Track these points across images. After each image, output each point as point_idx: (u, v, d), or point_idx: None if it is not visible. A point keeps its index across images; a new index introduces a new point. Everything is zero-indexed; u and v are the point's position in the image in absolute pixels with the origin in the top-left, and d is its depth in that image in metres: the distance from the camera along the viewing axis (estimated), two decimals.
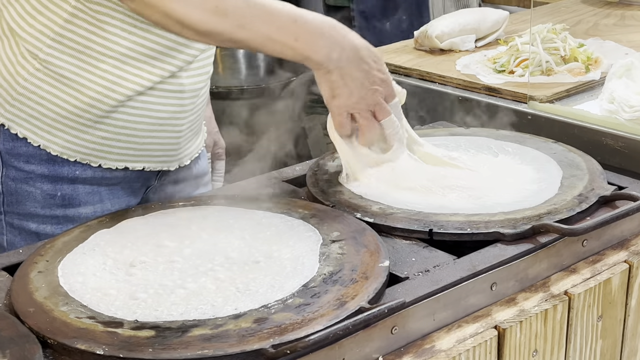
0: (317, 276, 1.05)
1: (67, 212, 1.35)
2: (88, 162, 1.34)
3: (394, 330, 1.00)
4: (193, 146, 1.49)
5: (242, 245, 1.14)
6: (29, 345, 0.93)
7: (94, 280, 1.06)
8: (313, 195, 1.31)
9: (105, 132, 1.33)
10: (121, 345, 0.92)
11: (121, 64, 1.29)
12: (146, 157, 1.39)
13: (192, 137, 1.47)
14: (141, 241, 1.15)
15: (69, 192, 1.35)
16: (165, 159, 1.42)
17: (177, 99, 1.36)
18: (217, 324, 0.95)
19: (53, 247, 1.15)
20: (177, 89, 1.35)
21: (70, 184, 1.35)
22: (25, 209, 1.35)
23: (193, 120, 1.44)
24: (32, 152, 1.33)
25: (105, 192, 1.38)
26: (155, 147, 1.39)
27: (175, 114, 1.38)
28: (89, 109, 1.30)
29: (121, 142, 1.35)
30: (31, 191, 1.34)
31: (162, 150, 1.41)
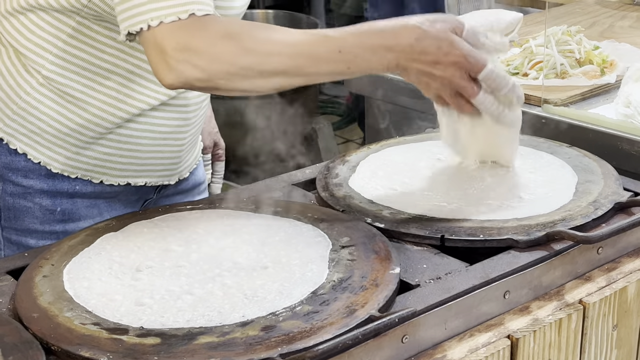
0: (327, 283, 1.03)
1: (67, 227, 1.33)
2: (89, 179, 1.32)
3: (404, 339, 0.98)
4: (192, 158, 1.47)
5: (250, 250, 1.12)
6: (32, 351, 0.91)
7: (100, 285, 1.04)
8: (323, 199, 1.29)
9: (108, 148, 1.30)
10: (126, 352, 0.90)
11: (127, 81, 1.27)
12: (148, 171, 1.37)
13: (192, 149, 1.45)
14: (148, 245, 1.14)
15: (68, 207, 1.32)
16: (166, 172, 1.40)
17: (182, 112, 1.34)
18: (224, 332, 0.93)
19: (59, 250, 1.13)
20: (182, 102, 1.33)
21: (70, 198, 1.32)
22: (24, 224, 1.33)
23: (195, 132, 1.42)
24: (31, 167, 1.30)
25: (103, 205, 1.36)
26: (157, 161, 1.36)
27: (178, 128, 1.35)
28: (92, 127, 1.28)
29: (124, 158, 1.32)
30: (30, 206, 1.32)
31: (164, 165, 1.38)
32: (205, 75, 1.06)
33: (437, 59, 1.11)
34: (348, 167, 1.39)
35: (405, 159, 1.42)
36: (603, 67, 1.78)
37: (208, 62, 1.06)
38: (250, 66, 1.06)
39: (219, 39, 1.06)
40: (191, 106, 1.35)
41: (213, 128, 1.70)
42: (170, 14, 1.05)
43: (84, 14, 1.21)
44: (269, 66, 1.07)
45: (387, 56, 1.10)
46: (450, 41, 1.11)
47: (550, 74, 1.75)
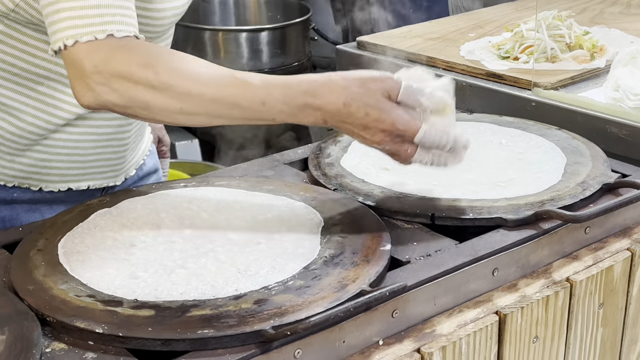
0: (318, 259, 1.05)
1: None
2: (28, 186, 1.29)
3: (394, 314, 0.99)
4: (138, 154, 1.43)
5: (243, 226, 1.13)
6: (27, 322, 0.92)
7: (94, 259, 1.05)
8: (315, 178, 1.30)
9: (44, 154, 1.26)
10: (121, 324, 0.91)
11: (61, 85, 1.21)
12: (90, 174, 1.33)
13: (137, 146, 1.41)
14: (141, 221, 1.15)
15: (7, 213, 1.30)
16: (110, 174, 1.36)
17: (121, 118, 1.29)
18: (217, 305, 0.95)
19: (53, 225, 1.14)
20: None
21: (7, 205, 1.29)
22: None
23: (138, 129, 1.38)
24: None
25: (45, 209, 1.32)
26: (99, 163, 1.32)
27: (120, 128, 1.31)
28: (25, 134, 1.23)
29: (62, 163, 1.28)
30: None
31: (107, 167, 1.34)
32: (123, 101, 1.00)
33: (365, 124, 1.04)
34: (340, 147, 1.41)
35: None
36: (593, 51, 1.79)
37: (126, 89, 1.00)
38: (168, 105, 1.00)
39: (138, 66, 0.99)
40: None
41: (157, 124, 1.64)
42: (86, 32, 1.00)
43: (12, 17, 1.15)
44: (188, 106, 1.01)
45: (314, 114, 1.03)
46: (379, 108, 1.03)
47: (541, 58, 1.76)
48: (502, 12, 2.22)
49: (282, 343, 0.90)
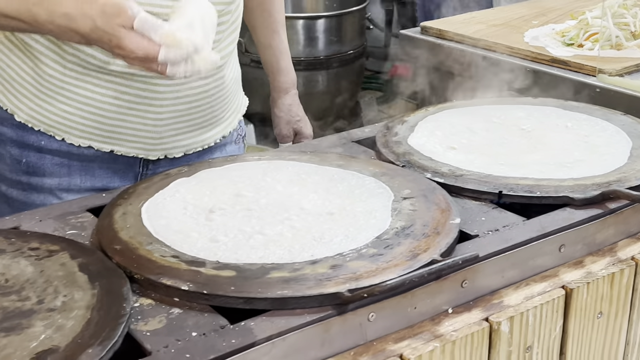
0: (390, 229, 1.08)
1: (31, 180, 1.36)
2: (53, 134, 1.34)
3: (464, 284, 1.02)
4: (193, 140, 1.42)
5: (316, 198, 1.17)
6: (116, 279, 0.98)
7: (176, 224, 1.10)
8: (383, 155, 1.34)
9: (67, 106, 1.32)
10: (205, 282, 0.96)
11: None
12: (115, 139, 1.35)
13: (190, 131, 1.40)
14: (219, 190, 1.20)
15: (34, 160, 1.35)
16: (140, 145, 1.37)
17: (148, 84, 1.32)
18: (295, 268, 0.99)
19: (135, 192, 1.20)
20: (147, 73, 1.26)
21: (37, 152, 1.35)
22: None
23: (181, 111, 1.37)
24: (3, 115, 1.34)
25: (76, 167, 1.36)
26: (126, 130, 1.35)
27: (148, 100, 1.33)
28: (48, 79, 1.30)
29: (85, 120, 1.33)
30: (2, 153, 1.36)
31: (136, 137, 1.36)
32: None
33: (111, 49, 1.11)
34: (407, 126, 1.44)
35: (462, 121, 1.46)
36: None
37: None
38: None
39: None
40: (161, 79, 1.31)
41: (294, 117, 1.72)
42: None
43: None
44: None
45: (76, 37, 1.12)
46: (117, 37, 1.08)
47: (606, 45, 1.78)
48: (564, 0, 2.23)
49: (357, 306, 0.94)
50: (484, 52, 1.85)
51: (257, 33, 1.73)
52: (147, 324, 0.92)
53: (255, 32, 1.73)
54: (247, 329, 0.90)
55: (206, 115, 1.42)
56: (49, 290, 0.95)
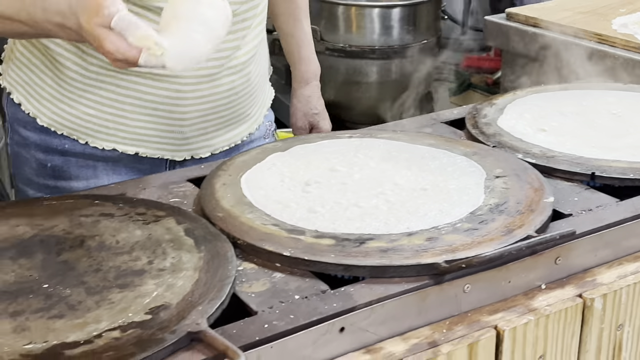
0: (484, 206, 1.10)
1: (58, 184, 1.36)
2: (76, 138, 1.34)
3: (557, 261, 1.04)
4: (219, 139, 1.41)
5: (409, 174, 1.20)
6: (221, 243, 1.02)
7: (274, 194, 1.14)
8: (473, 136, 1.35)
9: (90, 109, 1.31)
10: (305, 249, 1.00)
11: None
12: (140, 141, 1.34)
13: (215, 130, 1.39)
14: (314, 165, 1.23)
15: (59, 163, 1.35)
16: (166, 147, 1.36)
17: (173, 84, 1.30)
18: (392, 239, 1.02)
19: (233, 164, 1.24)
20: (170, 73, 1.28)
21: (61, 155, 1.34)
22: (25, 174, 1.38)
23: (206, 111, 1.35)
24: (27, 118, 1.34)
25: (102, 168, 1.36)
26: (150, 132, 1.34)
27: (171, 100, 1.31)
28: (69, 82, 1.30)
29: (108, 122, 1.32)
30: (28, 158, 1.37)
31: (161, 137, 1.35)
32: None
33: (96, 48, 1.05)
34: (495, 109, 1.45)
35: (552, 104, 1.46)
36: None
37: None
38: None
39: None
40: (184, 78, 1.30)
41: (311, 109, 1.67)
42: None
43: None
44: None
45: (72, 34, 1.09)
46: (98, 38, 1.03)
47: None
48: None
49: (453, 277, 0.97)
50: (571, 38, 1.84)
51: (279, 21, 1.68)
52: (252, 286, 0.95)
53: (277, 19, 1.68)
54: (347, 294, 0.93)
55: (232, 114, 1.40)
56: (158, 252, 1.00)
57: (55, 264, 0.97)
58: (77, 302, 0.89)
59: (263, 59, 1.49)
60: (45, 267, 0.97)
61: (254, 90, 1.43)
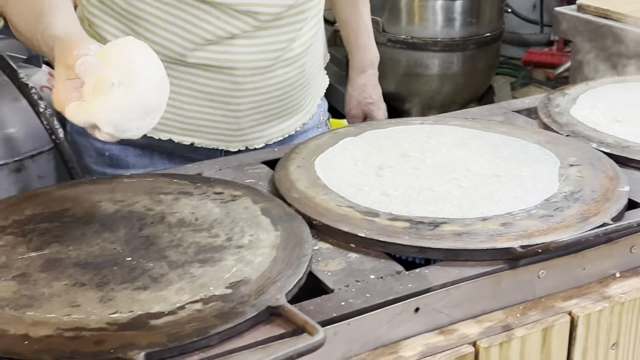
0: (558, 193, 1.10)
1: (116, 172, 1.38)
2: None
3: (632, 250, 1.03)
4: (273, 129, 1.42)
5: (482, 161, 1.20)
6: (297, 223, 1.04)
7: (348, 177, 1.15)
8: (546, 125, 1.35)
9: None
10: (380, 231, 1.01)
11: (152, 26, 1.29)
12: (195, 132, 1.36)
13: (269, 121, 1.40)
14: (386, 150, 1.24)
15: (116, 152, 1.37)
16: (221, 137, 1.37)
17: (229, 75, 1.32)
18: (466, 223, 1.02)
19: (306, 147, 1.26)
20: (228, 65, 1.30)
21: (119, 144, 1.35)
22: (84, 162, 1.41)
23: (261, 102, 1.36)
24: None
25: (158, 157, 1.38)
26: (206, 123, 1.35)
27: (227, 92, 1.33)
28: None
29: (165, 113, 1.27)
30: (87, 146, 1.39)
31: (216, 128, 1.36)
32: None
33: None
34: (568, 99, 1.44)
35: (625, 95, 1.45)
36: None
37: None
38: None
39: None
40: (240, 70, 1.32)
41: (366, 98, 1.66)
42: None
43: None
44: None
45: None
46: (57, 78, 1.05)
47: None
48: None
49: (528, 262, 0.97)
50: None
51: (338, 8, 1.67)
52: (327, 265, 0.97)
53: (335, 7, 1.67)
54: (422, 276, 0.94)
55: (286, 104, 1.41)
56: (236, 230, 1.02)
57: (138, 238, 1.00)
58: (159, 275, 0.92)
59: (318, 49, 1.50)
60: (128, 241, 1.00)
61: (307, 81, 1.44)
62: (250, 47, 1.31)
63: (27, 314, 0.85)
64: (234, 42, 1.30)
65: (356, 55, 1.68)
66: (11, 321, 0.84)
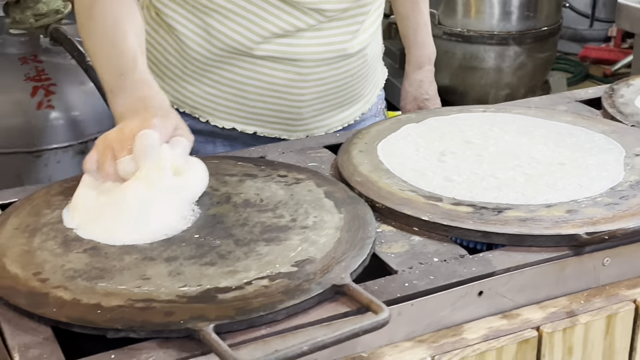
0: (624, 182, 1.09)
1: None
2: (197, 116, 1.37)
3: None
4: (334, 118, 1.43)
5: (545, 149, 1.20)
6: (360, 206, 1.05)
7: (410, 163, 1.16)
8: (610, 115, 1.33)
9: (212, 88, 1.35)
10: (443, 215, 1.01)
11: (224, 18, 1.30)
12: (258, 121, 1.38)
13: (330, 110, 1.42)
14: (448, 136, 1.24)
15: None
16: (283, 127, 1.39)
17: (294, 66, 1.33)
18: (531, 210, 1.02)
19: (368, 133, 1.27)
20: (291, 57, 1.32)
21: None
22: None
23: (321, 91, 1.38)
24: None
25: (220, 144, 1.39)
26: (269, 112, 1.37)
27: (291, 82, 1.34)
28: (189, 62, 1.34)
29: (229, 102, 1.36)
30: None
31: (279, 118, 1.38)
32: None
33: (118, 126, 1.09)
34: (633, 89, 1.43)
35: None
36: None
37: None
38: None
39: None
40: (305, 62, 1.33)
41: (422, 94, 1.66)
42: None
43: None
44: None
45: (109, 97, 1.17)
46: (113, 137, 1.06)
47: None
48: None
49: (593, 249, 0.96)
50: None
51: (397, 3, 1.66)
52: (391, 247, 0.98)
53: (395, 1, 1.66)
54: (485, 260, 0.95)
55: (347, 94, 1.43)
56: (300, 211, 1.03)
57: (205, 217, 1.02)
58: (226, 252, 0.94)
59: (378, 40, 1.51)
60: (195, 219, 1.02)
61: (368, 72, 1.45)
62: (316, 40, 1.33)
63: (99, 285, 0.88)
64: (300, 35, 1.32)
65: (414, 51, 1.68)
66: (84, 291, 0.87)
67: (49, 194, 1.09)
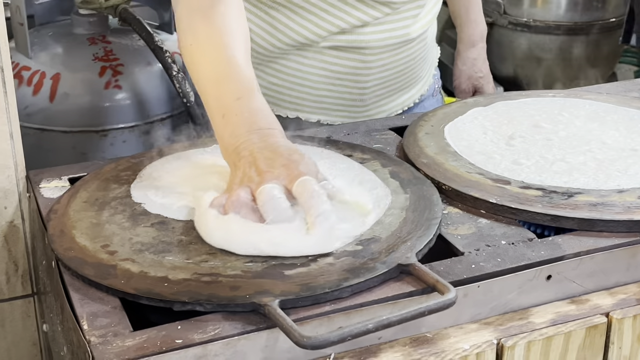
0: None
1: None
2: None
3: None
4: (394, 102, 1.43)
5: (617, 135, 1.17)
6: (426, 187, 1.04)
7: (478, 146, 1.14)
8: None
9: (276, 78, 1.35)
10: (511, 198, 1.00)
11: (291, 13, 1.29)
12: (322, 109, 1.37)
13: (391, 95, 1.41)
14: (517, 121, 1.22)
15: None
16: (346, 114, 1.39)
17: (359, 54, 1.33)
18: (602, 195, 1.00)
19: (434, 115, 1.25)
20: (359, 46, 1.32)
21: None
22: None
23: (384, 78, 1.38)
24: None
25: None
26: (332, 100, 1.37)
27: (356, 70, 1.34)
28: (255, 54, 1.31)
29: (293, 91, 1.35)
30: None
31: (342, 105, 1.38)
32: None
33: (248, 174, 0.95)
34: None
35: None
36: None
37: None
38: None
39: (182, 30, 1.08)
40: (370, 49, 1.33)
41: (476, 72, 1.65)
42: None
43: None
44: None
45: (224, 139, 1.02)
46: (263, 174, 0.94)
47: None
48: None
49: None
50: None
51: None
52: (457, 229, 0.97)
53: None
54: (554, 244, 0.93)
55: (408, 78, 1.42)
56: None
57: None
58: None
59: (435, 22, 1.51)
60: None
61: (427, 53, 1.46)
62: (380, 27, 1.33)
63: (166, 258, 0.89)
64: (365, 26, 1.32)
65: (467, 30, 1.67)
66: (151, 264, 0.88)
67: (116, 169, 1.10)
